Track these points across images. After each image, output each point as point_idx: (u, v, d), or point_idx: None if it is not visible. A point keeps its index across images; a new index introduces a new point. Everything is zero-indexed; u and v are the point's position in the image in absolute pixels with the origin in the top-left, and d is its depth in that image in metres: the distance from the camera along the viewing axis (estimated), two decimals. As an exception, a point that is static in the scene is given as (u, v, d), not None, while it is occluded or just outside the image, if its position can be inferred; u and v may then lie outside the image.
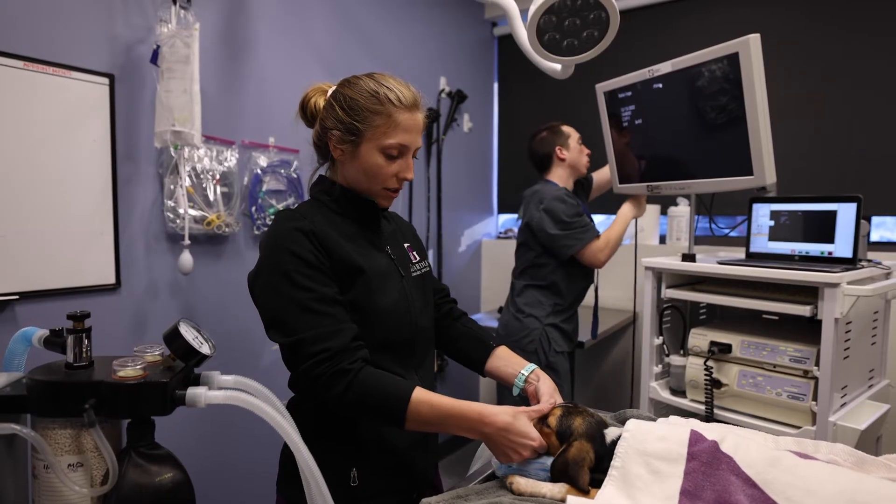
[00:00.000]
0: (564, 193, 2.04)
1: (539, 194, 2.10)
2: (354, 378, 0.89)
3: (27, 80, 1.45)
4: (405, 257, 1.10)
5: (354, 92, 0.99)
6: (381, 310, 0.98)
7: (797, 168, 2.28)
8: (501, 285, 3.15)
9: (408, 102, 0.98)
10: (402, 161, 1.00)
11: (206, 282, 1.91)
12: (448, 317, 1.22)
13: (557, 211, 2.00)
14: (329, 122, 1.01)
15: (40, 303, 1.51)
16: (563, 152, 2.12)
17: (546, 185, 2.14)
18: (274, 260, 0.94)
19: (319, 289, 0.92)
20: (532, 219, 2.06)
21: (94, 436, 0.73)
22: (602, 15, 1.29)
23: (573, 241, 2.00)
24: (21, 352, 0.90)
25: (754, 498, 0.76)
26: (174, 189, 1.73)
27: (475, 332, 1.21)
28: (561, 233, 2.01)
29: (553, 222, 2.01)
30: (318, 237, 0.96)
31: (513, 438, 0.88)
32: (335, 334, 0.91)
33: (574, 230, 2.00)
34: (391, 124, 0.97)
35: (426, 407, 0.90)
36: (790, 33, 2.35)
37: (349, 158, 1.01)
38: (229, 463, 1.98)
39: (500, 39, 3.27)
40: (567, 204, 2.01)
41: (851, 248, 1.54)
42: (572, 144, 2.13)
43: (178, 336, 0.78)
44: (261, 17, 2.04)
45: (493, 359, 1.16)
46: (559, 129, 2.14)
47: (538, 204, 2.05)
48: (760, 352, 1.57)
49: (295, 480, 0.90)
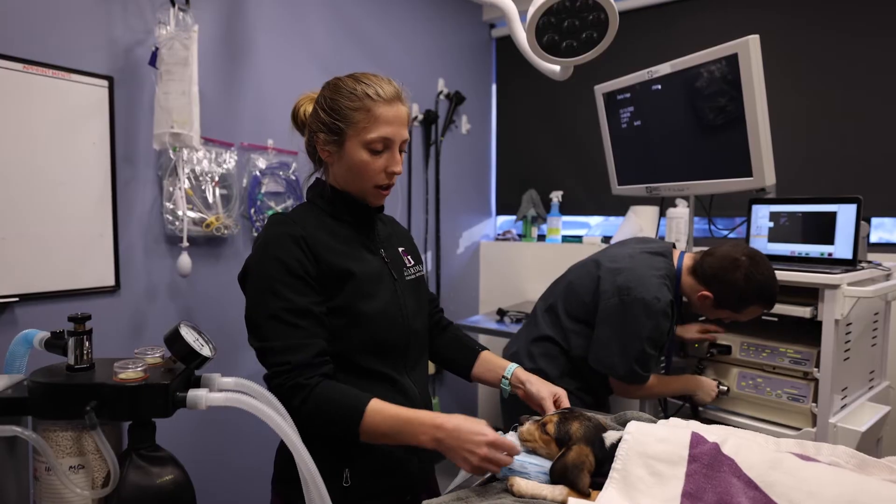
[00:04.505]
0: (668, 305, 1.44)
1: (636, 276, 1.46)
2: (311, 392, 0.90)
3: (26, 82, 1.45)
4: (399, 261, 1.11)
5: (334, 92, 1.00)
6: (371, 313, 0.99)
7: (796, 169, 2.28)
8: (500, 287, 3.15)
9: (387, 96, 0.98)
10: (389, 155, 1.00)
11: (205, 284, 1.90)
12: (437, 326, 1.23)
13: (640, 324, 1.42)
14: (314, 125, 1.03)
15: (40, 305, 1.51)
16: (724, 311, 1.48)
17: (656, 263, 1.50)
18: (259, 265, 0.97)
19: (296, 299, 0.93)
20: (603, 291, 1.50)
21: (95, 438, 0.73)
22: (601, 16, 1.29)
23: (619, 367, 1.46)
24: (22, 354, 0.90)
25: (756, 500, 0.76)
26: (173, 191, 1.73)
27: (462, 339, 1.23)
28: (615, 346, 1.46)
29: (618, 325, 1.46)
30: (307, 243, 0.97)
31: (464, 436, 0.87)
32: (300, 348, 0.92)
33: (639, 358, 1.44)
34: (371, 119, 0.97)
35: (381, 417, 0.90)
36: (789, 34, 2.36)
37: (336, 159, 1.02)
38: (227, 463, 1.98)
39: (498, 41, 3.28)
40: (659, 323, 1.42)
41: (851, 250, 1.54)
42: (743, 314, 1.47)
43: (179, 338, 0.78)
44: (259, 19, 2.04)
45: (476, 365, 1.18)
46: (763, 293, 1.42)
47: (625, 289, 1.45)
48: (760, 353, 1.57)
49: (290, 479, 0.90)
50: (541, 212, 3.08)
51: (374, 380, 1.01)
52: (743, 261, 1.41)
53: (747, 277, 1.39)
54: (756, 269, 1.40)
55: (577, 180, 3.00)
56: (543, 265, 2.90)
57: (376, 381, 1.01)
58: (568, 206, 3.02)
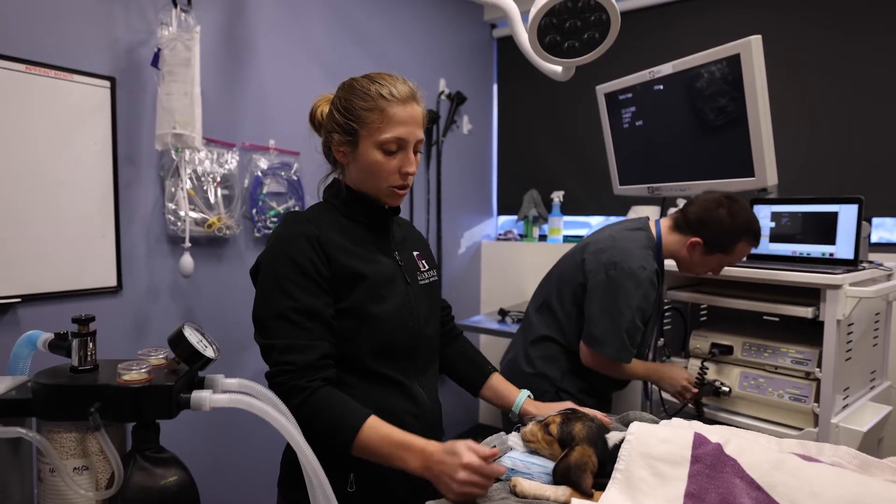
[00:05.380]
0: (653, 273, 1.46)
1: (620, 250, 1.48)
2: (310, 397, 0.89)
3: (29, 83, 1.45)
4: (413, 264, 1.10)
5: (348, 93, 0.99)
6: (381, 315, 0.98)
7: (797, 169, 2.28)
8: (501, 287, 3.15)
9: (401, 96, 0.97)
10: (403, 155, 0.99)
11: (207, 284, 1.91)
12: (448, 334, 1.23)
13: (629, 294, 1.43)
14: (329, 125, 1.03)
15: (42, 306, 1.51)
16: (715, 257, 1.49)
17: (637, 237, 1.52)
18: (271, 263, 0.96)
19: (305, 300, 0.93)
20: (590, 271, 1.51)
21: (99, 439, 0.73)
22: (603, 17, 1.29)
23: (611, 343, 1.45)
24: (25, 355, 0.90)
25: (759, 501, 0.76)
26: (175, 191, 1.73)
27: (472, 355, 1.24)
28: (607, 321, 1.45)
29: (607, 299, 1.45)
30: (321, 243, 0.96)
31: (445, 460, 0.84)
32: (305, 349, 0.92)
33: (629, 329, 1.44)
34: (385, 119, 0.96)
35: (377, 436, 0.89)
36: (790, 35, 2.35)
37: (351, 159, 1.01)
38: (232, 464, 1.98)
39: (499, 41, 3.28)
40: (647, 291, 1.44)
41: (853, 250, 1.54)
42: (733, 254, 1.48)
43: (183, 339, 0.78)
44: (261, 19, 2.04)
45: (485, 388, 1.19)
46: (750, 227, 1.46)
47: (611, 264, 1.47)
48: (762, 353, 1.57)
49: (296, 481, 0.90)
50: (542, 212, 3.08)
51: (382, 384, 1.00)
52: (723, 200, 1.47)
53: (731, 213, 1.44)
54: (737, 206, 1.46)
55: (578, 180, 3.00)
56: (545, 265, 2.88)
57: (385, 385, 1.00)
58: (569, 206, 3.02)
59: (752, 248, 1.50)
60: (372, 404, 0.97)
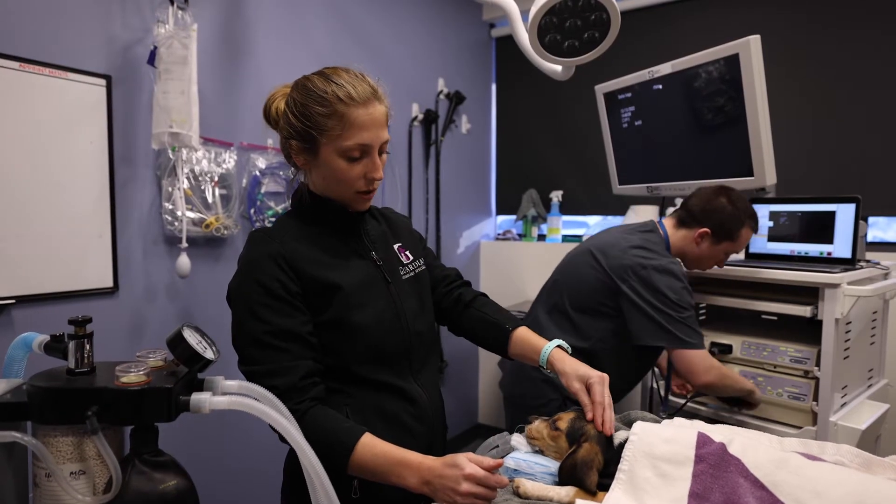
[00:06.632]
0: (681, 267, 1.51)
1: (643, 252, 1.48)
2: (300, 420, 0.86)
3: (24, 81, 1.44)
4: (394, 260, 1.05)
5: (304, 95, 0.93)
6: (364, 322, 0.95)
7: (795, 169, 2.29)
8: (500, 287, 3.15)
9: (362, 97, 0.91)
10: (368, 160, 0.93)
11: (204, 285, 1.89)
12: (459, 303, 1.16)
13: (670, 286, 1.43)
14: (286, 130, 0.96)
15: (38, 307, 1.50)
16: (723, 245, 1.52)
17: (652, 239, 1.53)
18: (240, 287, 0.94)
19: (278, 321, 0.90)
20: (621, 281, 1.47)
21: (96, 443, 0.72)
22: (603, 16, 1.28)
23: (679, 329, 1.42)
24: (21, 357, 0.88)
25: (763, 500, 0.76)
26: (172, 191, 1.72)
27: (489, 316, 1.14)
28: (663, 315, 1.42)
29: (653, 296, 1.43)
30: (287, 260, 0.92)
31: (446, 473, 0.82)
32: (286, 371, 0.89)
33: (685, 319, 1.43)
34: (346, 125, 0.90)
35: (371, 455, 0.87)
36: (789, 35, 2.36)
37: (313, 166, 0.96)
38: (232, 468, 1.96)
39: (497, 41, 3.27)
40: (684, 283, 1.46)
41: (850, 249, 1.55)
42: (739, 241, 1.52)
43: (183, 341, 0.77)
44: (259, 17, 2.03)
45: (511, 346, 1.10)
46: (751, 213, 1.52)
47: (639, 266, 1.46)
48: (761, 352, 1.57)
49: (300, 488, 0.88)
50: (541, 211, 3.08)
51: (378, 389, 0.98)
52: (721, 190, 1.53)
53: (731, 201, 1.50)
54: (735, 194, 1.52)
55: (577, 180, 3.00)
56: (544, 265, 2.89)
57: (380, 391, 0.98)
58: (568, 206, 3.02)
59: (755, 232, 1.56)
60: (370, 410, 0.96)
